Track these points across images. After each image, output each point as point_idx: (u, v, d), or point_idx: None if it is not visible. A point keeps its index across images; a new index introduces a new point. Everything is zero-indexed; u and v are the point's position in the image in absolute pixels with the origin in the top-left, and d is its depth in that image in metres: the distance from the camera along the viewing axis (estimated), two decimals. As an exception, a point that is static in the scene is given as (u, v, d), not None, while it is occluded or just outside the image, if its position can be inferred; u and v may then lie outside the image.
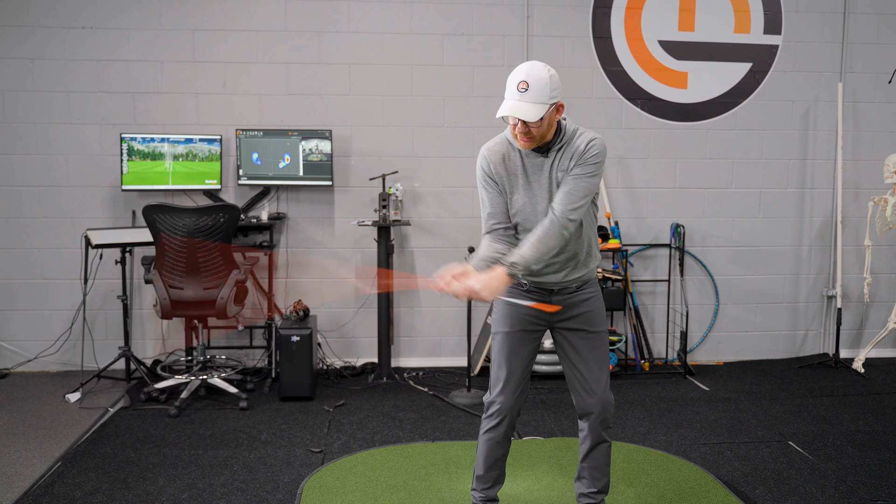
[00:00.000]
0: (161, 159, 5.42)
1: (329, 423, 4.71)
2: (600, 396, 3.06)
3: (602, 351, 3.09)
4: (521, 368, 3.09)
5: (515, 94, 2.78)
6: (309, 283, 5.79)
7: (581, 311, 3.07)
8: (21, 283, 5.64)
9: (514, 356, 3.08)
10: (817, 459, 4.14)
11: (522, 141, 2.86)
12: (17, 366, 5.66)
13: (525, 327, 3.07)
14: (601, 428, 3.10)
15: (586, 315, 3.07)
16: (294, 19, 5.62)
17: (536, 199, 2.95)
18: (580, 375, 3.07)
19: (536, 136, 2.83)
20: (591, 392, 3.06)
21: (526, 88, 2.76)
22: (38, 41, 5.47)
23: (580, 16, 5.79)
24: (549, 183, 2.93)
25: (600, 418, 3.08)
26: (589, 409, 3.08)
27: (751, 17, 5.89)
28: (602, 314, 3.13)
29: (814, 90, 6.00)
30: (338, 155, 5.70)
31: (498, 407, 3.09)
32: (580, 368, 3.07)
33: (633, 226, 5.95)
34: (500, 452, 3.17)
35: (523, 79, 2.78)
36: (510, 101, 2.79)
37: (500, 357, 3.09)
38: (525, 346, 3.09)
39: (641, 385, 5.51)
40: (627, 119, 5.90)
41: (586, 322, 3.07)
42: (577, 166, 2.88)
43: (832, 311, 6.12)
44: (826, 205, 6.10)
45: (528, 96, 2.76)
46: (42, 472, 3.95)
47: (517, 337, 3.08)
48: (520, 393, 3.10)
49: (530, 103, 2.76)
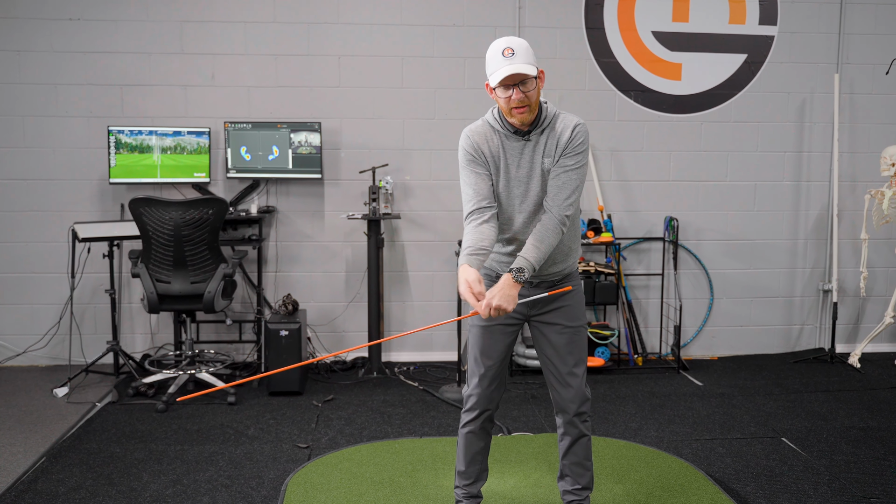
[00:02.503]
0: (149, 152, 5.37)
1: (317, 418, 4.67)
2: (576, 391, 3.01)
3: (579, 345, 3.04)
4: (497, 362, 3.04)
5: (504, 60, 2.72)
6: (299, 277, 5.75)
7: (559, 305, 3.02)
8: (10, 276, 5.60)
9: (490, 350, 3.03)
10: (810, 456, 4.09)
11: (519, 113, 2.78)
12: (5, 360, 5.62)
13: (502, 321, 3.02)
14: (579, 422, 3.05)
15: (564, 309, 3.02)
16: (283, 11, 5.56)
17: (512, 185, 2.89)
18: (556, 370, 3.02)
19: (533, 104, 2.77)
20: (566, 386, 3.01)
21: (513, 53, 2.72)
22: (25, 33, 5.42)
23: (573, 6, 5.73)
24: (530, 167, 2.87)
25: (577, 412, 3.03)
26: (565, 404, 3.04)
27: (746, 8, 5.82)
28: (581, 309, 3.07)
29: (810, 81, 5.93)
30: (328, 148, 5.65)
31: (475, 400, 3.06)
32: (556, 363, 3.02)
33: (626, 219, 5.90)
34: (480, 446, 3.12)
35: (507, 46, 2.74)
36: (504, 67, 2.72)
37: (475, 350, 3.06)
38: (502, 340, 3.04)
39: (634, 380, 5.46)
40: (621, 111, 5.83)
41: (564, 316, 3.02)
42: (564, 157, 2.82)
43: (828, 305, 6.07)
44: (822, 198, 6.04)
45: (517, 59, 2.72)
46: (26, 467, 3.90)
47: (493, 330, 3.03)
48: (497, 386, 3.05)
49: (523, 63, 2.71)
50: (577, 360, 3.04)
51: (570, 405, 3.04)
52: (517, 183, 2.89)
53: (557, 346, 3.03)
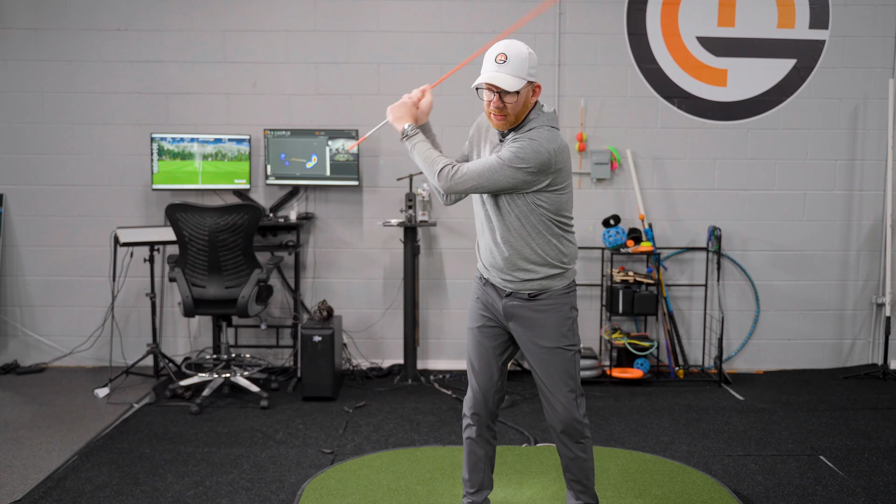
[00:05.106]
0: (191, 159, 5.48)
1: (346, 424, 4.68)
2: (561, 414, 2.93)
3: (559, 367, 2.92)
4: (487, 366, 3.01)
5: (493, 65, 2.73)
6: (337, 284, 5.78)
7: (531, 323, 2.93)
8: (58, 279, 5.78)
9: (480, 353, 3.02)
10: (848, 476, 3.92)
11: (496, 119, 2.78)
12: (53, 360, 5.80)
13: (481, 322, 3.02)
14: (569, 442, 2.98)
15: (537, 327, 2.92)
16: (323, 19, 5.62)
17: None
18: (542, 385, 2.97)
19: (511, 114, 2.75)
20: (549, 403, 2.96)
21: (504, 60, 2.70)
22: (75, 43, 5.60)
23: (614, 12, 5.64)
24: None
25: (566, 435, 2.96)
26: (552, 423, 2.99)
27: (795, 11, 5.64)
28: (560, 330, 2.93)
29: (863, 87, 5.72)
30: (367, 155, 5.68)
31: (468, 404, 3.05)
32: (541, 379, 2.97)
33: (668, 228, 5.77)
34: (480, 454, 3.09)
35: (502, 51, 2.72)
36: (489, 72, 2.73)
37: (467, 354, 3.07)
38: (488, 342, 3.01)
39: (673, 393, 5.33)
40: (664, 118, 5.72)
41: (536, 334, 2.93)
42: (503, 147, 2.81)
43: (881, 319, 5.82)
44: (876, 208, 5.81)
45: (505, 68, 2.70)
46: (58, 465, 4.02)
47: (477, 332, 3.03)
48: (487, 390, 3.02)
49: (508, 74, 2.69)
50: (556, 383, 2.94)
51: (554, 424, 2.99)
52: None
53: (534, 365, 2.98)
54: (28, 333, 5.81)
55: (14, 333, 5.81)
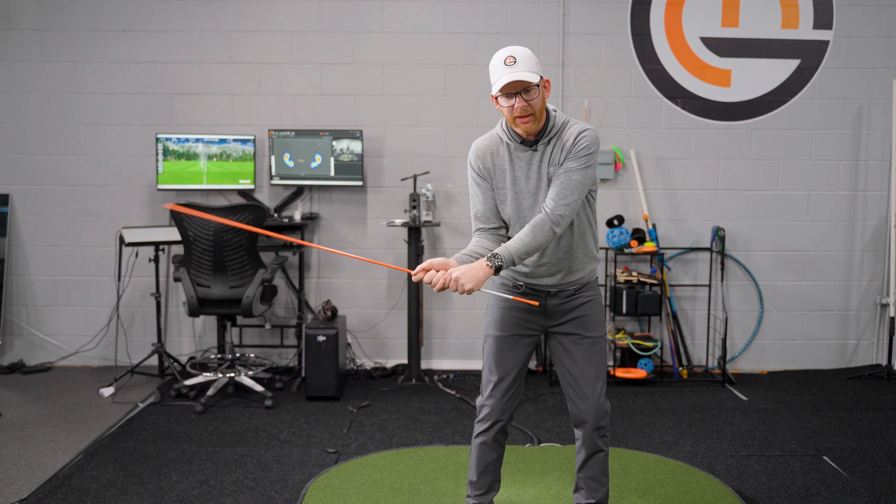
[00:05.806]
0: (195, 159, 5.50)
1: (350, 423, 4.69)
2: (593, 403, 2.96)
3: (598, 356, 2.98)
4: (511, 373, 3.01)
5: (506, 69, 2.71)
6: (341, 284, 5.80)
7: (577, 315, 2.98)
8: (64, 279, 5.80)
9: (505, 360, 3.00)
10: (851, 476, 3.93)
11: (522, 122, 2.76)
12: (59, 360, 5.82)
13: (517, 332, 3.00)
14: (596, 436, 3.00)
15: (582, 319, 2.98)
16: (328, 20, 5.63)
17: (522, 196, 2.87)
18: (574, 381, 2.98)
19: (537, 112, 2.74)
20: (584, 398, 2.97)
21: (514, 61, 2.70)
22: (80, 44, 5.62)
23: (618, 12, 5.65)
24: (538, 178, 2.84)
25: (595, 426, 2.98)
26: (583, 416, 2.99)
27: (799, 12, 5.64)
28: (599, 319, 3.02)
29: (867, 88, 5.71)
30: (371, 155, 5.70)
31: (488, 411, 3.03)
32: (574, 374, 2.97)
33: (672, 228, 5.77)
34: (492, 457, 3.09)
35: (509, 54, 2.72)
36: (505, 75, 2.70)
37: (490, 361, 3.03)
38: (517, 351, 3.01)
39: (676, 393, 5.33)
40: (667, 118, 5.72)
41: (581, 326, 2.97)
42: (567, 160, 2.78)
43: (885, 320, 5.82)
44: (880, 208, 5.80)
45: (519, 67, 2.70)
46: (63, 464, 4.03)
47: (508, 341, 3.00)
48: (510, 398, 3.02)
49: (525, 71, 2.69)
50: (595, 372, 2.99)
51: (588, 417, 2.99)
52: (526, 195, 2.87)
53: (575, 357, 2.99)
54: (34, 333, 5.83)
55: (20, 333, 5.84)
